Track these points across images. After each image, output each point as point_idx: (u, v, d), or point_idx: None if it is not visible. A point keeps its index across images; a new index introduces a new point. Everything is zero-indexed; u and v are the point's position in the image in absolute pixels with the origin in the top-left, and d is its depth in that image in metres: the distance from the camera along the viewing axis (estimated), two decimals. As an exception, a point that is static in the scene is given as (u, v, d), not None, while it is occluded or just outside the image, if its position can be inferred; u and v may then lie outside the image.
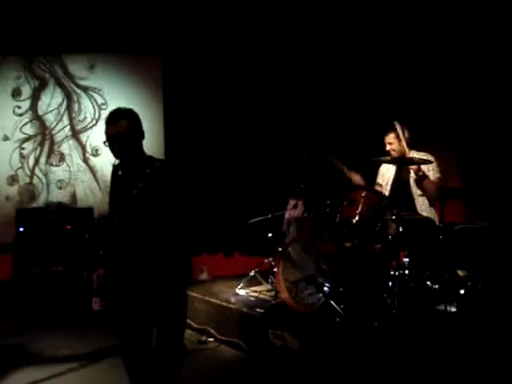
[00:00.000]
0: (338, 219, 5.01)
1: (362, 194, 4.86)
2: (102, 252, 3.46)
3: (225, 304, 5.37)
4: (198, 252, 6.93)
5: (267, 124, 7.29)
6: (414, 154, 5.12)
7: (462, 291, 4.74)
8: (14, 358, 4.90)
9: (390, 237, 4.77)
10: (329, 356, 4.17)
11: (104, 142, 3.10)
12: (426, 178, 4.97)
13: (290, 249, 5.07)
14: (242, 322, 5.08)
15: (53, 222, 6.54)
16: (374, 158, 5.13)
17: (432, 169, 5.07)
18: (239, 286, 5.76)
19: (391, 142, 5.22)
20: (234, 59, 7.32)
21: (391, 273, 4.69)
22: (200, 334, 5.39)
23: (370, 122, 6.40)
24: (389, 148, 5.25)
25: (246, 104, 7.35)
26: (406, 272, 4.71)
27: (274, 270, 5.31)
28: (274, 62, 7.23)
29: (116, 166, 3.08)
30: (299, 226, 6.10)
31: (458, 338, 4.08)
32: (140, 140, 3.14)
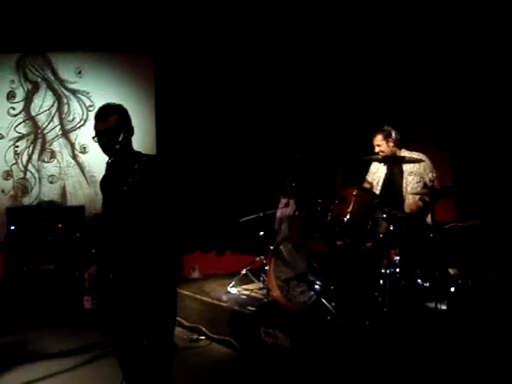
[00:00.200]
0: (329, 217, 5.02)
1: (353, 193, 4.87)
2: (93, 250, 3.44)
3: (216, 302, 5.37)
4: (189, 250, 6.93)
5: (259, 122, 7.29)
6: (406, 154, 5.13)
7: (453, 289, 4.76)
8: (5, 358, 4.88)
9: (381, 235, 4.80)
10: (320, 354, 4.18)
11: (93, 138, 3.09)
12: (434, 188, 4.96)
13: (281, 247, 5.08)
14: (234, 320, 5.09)
15: (44, 220, 6.52)
16: (365, 157, 5.15)
17: (430, 170, 5.08)
18: (231, 285, 5.76)
19: (379, 144, 5.23)
20: (226, 58, 7.31)
21: (382, 271, 4.71)
22: (191, 332, 5.39)
23: (363, 120, 6.41)
24: (377, 150, 5.25)
25: (238, 102, 7.35)
26: (397, 270, 4.72)
27: (266, 268, 5.32)
28: (266, 61, 7.23)
29: (110, 164, 3.07)
30: (291, 225, 6.11)
31: (448, 336, 4.11)
32: (129, 136, 3.13)
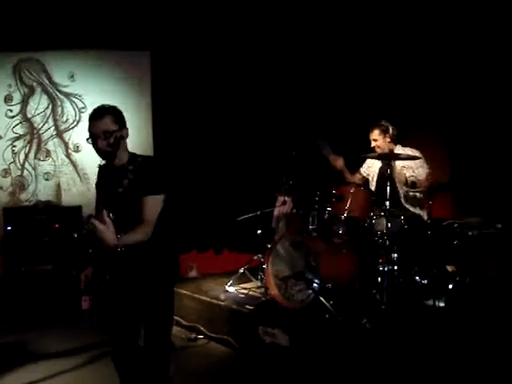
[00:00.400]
0: (326, 215, 5.02)
1: (351, 190, 4.87)
2: (90, 250, 3.44)
3: (214, 301, 5.37)
4: (187, 249, 6.92)
5: (256, 120, 7.27)
6: (400, 150, 5.13)
7: (451, 286, 4.77)
8: (3, 358, 4.87)
9: (379, 232, 4.79)
10: (319, 352, 4.18)
11: (87, 139, 3.06)
12: (415, 184, 4.96)
13: (279, 245, 5.07)
14: (232, 319, 5.08)
15: (41, 220, 6.50)
16: (362, 155, 5.15)
17: (421, 165, 5.07)
18: (229, 283, 5.75)
19: (376, 139, 5.23)
20: (223, 55, 7.28)
21: (380, 268, 4.71)
22: (190, 332, 5.38)
23: (361, 117, 6.40)
24: (374, 145, 5.26)
25: (235, 100, 7.33)
26: (395, 267, 4.73)
27: (264, 266, 5.31)
28: (263, 59, 7.20)
29: (102, 167, 3.06)
30: (288, 223, 6.10)
31: (446, 333, 4.11)
32: (124, 137, 3.11)
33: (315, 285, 4.65)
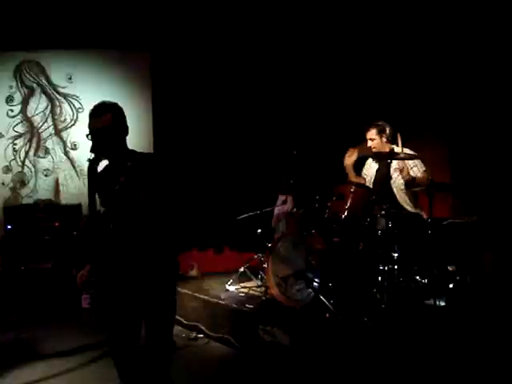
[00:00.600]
0: (327, 214, 5.02)
1: (351, 190, 4.86)
2: (90, 248, 3.41)
3: (215, 300, 5.37)
4: (187, 248, 6.91)
5: (256, 119, 7.27)
6: (399, 150, 5.13)
7: (451, 285, 4.76)
8: (3, 357, 4.85)
9: (379, 232, 4.79)
10: (319, 351, 4.18)
11: (87, 136, 3.01)
12: (414, 180, 4.96)
13: (279, 244, 5.07)
14: (232, 318, 5.08)
15: (41, 219, 6.52)
16: (360, 154, 5.16)
17: (415, 165, 5.07)
18: (229, 283, 5.76)
19: (372, 138, 5.23)
20: (224, 54, 7.29)
21: (380, 268, 4.71)
22: (190, 331, 5.38)
23: (361, 117, 6.38)
24: (370, 144, 5.26)
25: (236, 99, 7.34)
26: (396, 267, 4.72)
27: (264, 265, 5.31)
28: (263, 59, 7.21)
29: (92, 161, 2.97)
30: (288, 222, 6.11)
31: (447, 332, 4.10)
32: (124, 135, 3.08)
33: (315, 284, 4.65)
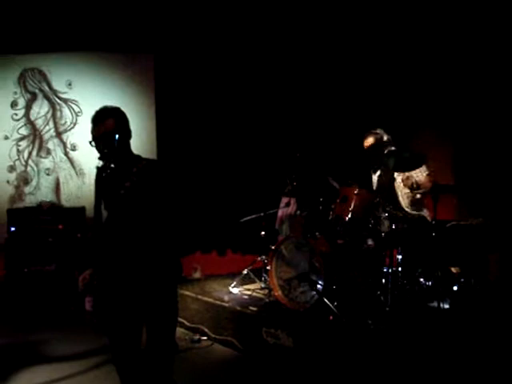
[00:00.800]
0: (330, 217, 5.01)
1: (355, 192, 4.85)
2: (94, 251, 3.40)
3: (218, 302, 5.36)
4: (190, 251, 6.92)
5: (260, 122, 7.27)
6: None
7: (455, 288, 4.75)
8: (6, 360, 4.85)
9: (383, 234, 4.78)
10: (323, 353, 4.17)
11: (90, 142, 3.01)
12: (419, 186, 4.94)
13: (282, 247, 5.07)
14: (236, 320, 5.07)
15: (44, 221, 6.53)
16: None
17: (418, 171, 5.04)
18: (232, 285, 5.75)
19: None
20: (227, 57, 7.29)
21: (384, 270, 4.70)
22: (193, 333, 5.37)
23: (365, 119, 6.37)
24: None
25: (239, 102, 7.34)
26: (399, 269, 4.71)
27: (267, 268, 5.31)
28: (267, 61, 7.21)
29: (100, 169, 2.97)
30: (292, 224, 6.10)
31: (451, 335, 4.09)
32: (127, 139, 3.07)
33: (319, 286, 4.64)
